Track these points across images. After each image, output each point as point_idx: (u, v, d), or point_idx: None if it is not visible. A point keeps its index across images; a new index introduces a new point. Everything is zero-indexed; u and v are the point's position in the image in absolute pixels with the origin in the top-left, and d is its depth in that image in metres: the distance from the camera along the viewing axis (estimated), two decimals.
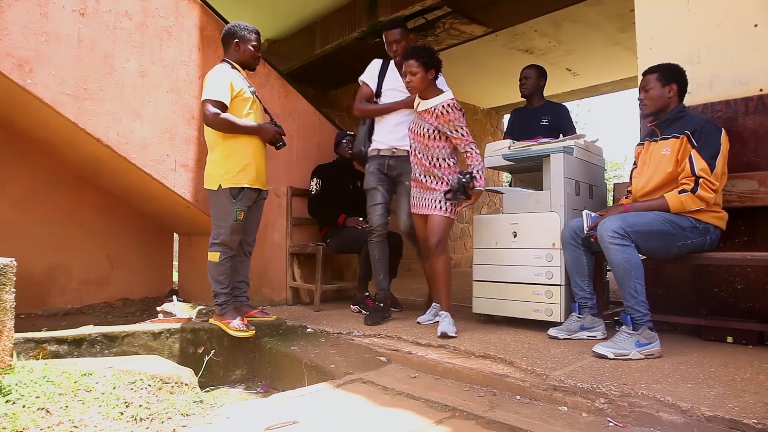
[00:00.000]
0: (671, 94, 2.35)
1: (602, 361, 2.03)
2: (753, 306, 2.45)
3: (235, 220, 2.70)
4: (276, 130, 2.83)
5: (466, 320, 3.04)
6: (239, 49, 2.83)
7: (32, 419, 1.47)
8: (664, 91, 2.35)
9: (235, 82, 2.73)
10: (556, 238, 2.60)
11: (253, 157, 2.77)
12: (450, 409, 1.72)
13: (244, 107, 2.76)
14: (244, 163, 2.73)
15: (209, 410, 1.74)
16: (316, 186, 3.73)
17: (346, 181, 3.82)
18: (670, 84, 2.35)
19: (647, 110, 2.41)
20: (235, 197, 2.70)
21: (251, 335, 2.71)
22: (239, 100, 2.74)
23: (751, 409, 1.47)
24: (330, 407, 1.77)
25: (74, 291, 3.88)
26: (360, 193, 3.84)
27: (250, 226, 2.95)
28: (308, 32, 6.06)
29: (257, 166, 2.80)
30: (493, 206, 9.75)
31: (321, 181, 3.73)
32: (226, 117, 2.67)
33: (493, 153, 3.00)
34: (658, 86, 2.36)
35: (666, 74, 2.36)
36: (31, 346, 2.19)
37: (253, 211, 2.92)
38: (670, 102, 2.37)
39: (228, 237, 2.71)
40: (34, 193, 3.71)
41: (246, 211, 2.76)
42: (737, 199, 2.43)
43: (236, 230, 2.74)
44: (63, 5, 2.78)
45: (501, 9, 4.89)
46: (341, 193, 3.76)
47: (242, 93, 2.76)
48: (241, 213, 2.72)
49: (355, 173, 3.89)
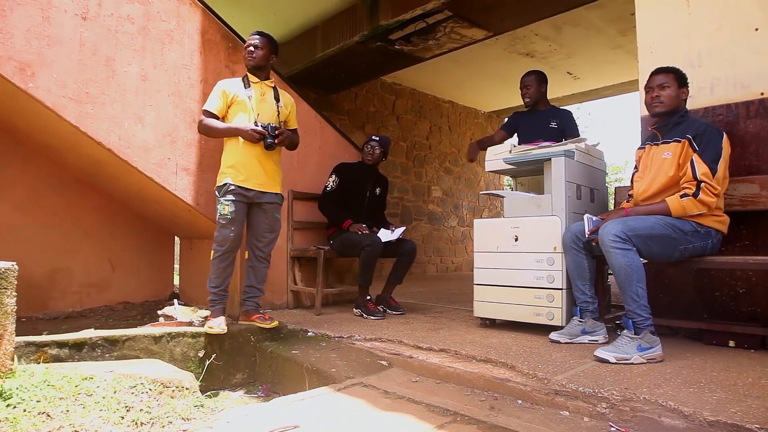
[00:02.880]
0: (684, 98, 2.36)
1: (604, 366, 2.03)
2: (755, 310, 2.44)
3: (220, 214, 2.80)
4: (250, 130, 2.81)
5: (467, 324, 3.04)
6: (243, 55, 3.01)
7: (33, 423, 1.47)
8: (680, 93, 2.35)
9: (228, 89, 2.91)
10: (557, 242, 2.59)
11: (241, 157, 2.85)
12: (451, 413, 1.71)
13: (238, 110, 2.91)
14: (231, 162, 2.86)
15: (210, 415, 1.74)
16: (333, 183, 3.70)
17: (365, 186, 3.78)
18: (684, 87, 2.36)
19: (662, 108, 2.35)
20: (218, 192, 2.84)
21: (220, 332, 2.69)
22: (234, 104, 2.91)
23: (753, 414, 1.46)
24: (331, 411, 1.76)
25: (75, 294, 3.88)
26: (376, 201, 3.85)
27: (256, 230, 2.98)
28: (309, 36, 6.08)
29: (247, 166, 2.85)
30: (494, 210, 9.75)
31: (339, 179, 3.70)
32: (206, 123, 2.88)
33: (494, 157, 2.99)
34: (676, 86, 2.34)
35: (682, 77, 2.36)
36: (32, 349, 2.19)
37: (255, 214, 2.95)
38: (681, 104, 2.37)
39: (218, 232, 2.82)
40: (36, 196, 3.71)
41: (232, 208, 2.78)
42: (739, 202, 2.42)
43: (224, 226, 2.80)
44: (65, 9, 2.79)
45: (502, 13, 4.91)
46: (356, 196, 3.73)
47: (236, 98, 2.91)
48: (224, 207, 2.79)
49: (377, 180, 3.86)
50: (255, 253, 2.99)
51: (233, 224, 2.80)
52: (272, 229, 3.01)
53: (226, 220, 2.79)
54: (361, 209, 3.72)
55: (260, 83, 2.99)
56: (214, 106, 2.88)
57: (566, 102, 8.42)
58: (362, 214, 3.70)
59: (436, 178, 8.53)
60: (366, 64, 6.11)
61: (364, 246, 3.32)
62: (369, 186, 3.80)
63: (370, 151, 3.74)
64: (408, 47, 5.65)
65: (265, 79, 3.03)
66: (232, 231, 2.80)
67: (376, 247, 3.33)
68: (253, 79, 2.98)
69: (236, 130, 2.84)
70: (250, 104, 2.90)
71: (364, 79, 6.80)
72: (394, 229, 3.55)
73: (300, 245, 3.87)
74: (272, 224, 3.00)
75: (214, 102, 2.89)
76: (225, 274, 2.85)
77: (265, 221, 2.96)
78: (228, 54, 3.51)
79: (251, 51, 2.94)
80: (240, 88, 2.92)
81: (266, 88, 3.01)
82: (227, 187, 2.81)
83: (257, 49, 2.94)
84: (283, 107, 3.04)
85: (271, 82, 3.06)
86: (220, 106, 2.89)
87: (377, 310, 3.32)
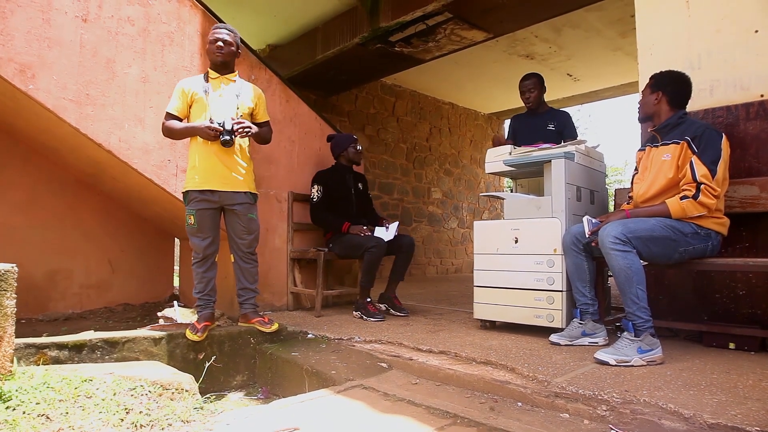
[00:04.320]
0: (657, 101, 2.39)
1: (604, 368, 2.02)
2: (755, 312, 2.44)
3: (187, 224, 2.76)
4: (204, 128, 2.66)
5: (467, 326, 3.04)
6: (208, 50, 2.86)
7: (32, 425, 1.47)
8: (651, 98, 2.41)
9: (188, 88, 2.79)
10: (557, 244, 2.59)
11: (202, 157, 2.75)
12: (451, 415, 1.71)
13: (198, 109, 2.78)
14: (192, 164, 2.78)
15: (210, 417, 1.74)
16: (317, 193, 3.71)
17: (348, 186, 3.82)
18: (657, 91, 2.39)
19: (639, 115, 2.51)
20: (184, 201, 2.79)
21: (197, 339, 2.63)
22: (194, 103, 2.79)
23: (753, 416, 1.46)
24: (331, 414, 1.76)
25: (75, 296, 3.88)
26: (362, 197, 3.87)
27: (233, 234, 2.85)
28: (309, 38, 6.09)
29: (203, 168, 2.73)
30: (494, 212, 9.75)
31: (322, 188, 3.72)
32: (167, 125, 2.77)
33: (494, 159, 2.99)
34: (647, 92, 2.44)
35: (657, 82, 2.40)
36: (32, 351, 2.19)
37: (229, 218, 2.83)
38: (658, 109, 2.39)
39: (191, 240, 2.80)
40: (36, 197, 3.71)
41: (196, 217, 2.72)
42: (739, 204, 2.42)
43: (193, 234, 2.77)
44: (65, 11, 2.79)
45: (502, 15, 4.91)
46: (343, 200, 3.76)
47: (194, 96, 2.78)
48: (189, 217, 2.74)
49: (356, 177, 3.90)
50: (238, 254, 2.89)
51: (202, 232, 2.74)
52: (249, 231, 2.86)
53: (193, 230, 2.75)
54: (351, 209, 3.74)
55: (219, 78, 2.83)
56: (174, 106, 2.77)
57: (566, 104, 8.43)
58: (354, 213, 3.72)
59: (436, 179, 8.53)
60: (366, 65, 6.12)
61: (369, 248, 3.32)
62: (351, 184, 3.83)
63: (358, 151, 3.81)
64: (408, 49, 5.66)
65: (228, 74, 2.86)
66: (203, 239, 2.75)
67: (381, 248, 3.33)
68: (213, 75, 2.83)
69: (192, 129, 2.71)
70: (206, 100, 2.77)
71: (364, 80, 6.82)
72: (388, 225, 3.57)
73: (300, 247, 3.87)
74: (248, 226, 2.85)
75: (174, 102, 2.78)
76: (206, 279, 2.80)
77: (240, 224, 2.83)
78: None
79: (221, 46, 2.76)
80: (199, 86, 2.79)
81: (227, 82, 2.85)
82: (188, 196, 2.75)
83: (227, 45, 2.78)
84: (243, 102, 2.84)
85: (234, 75, 2.89)
86: (179, 106, 2.77)
87: (377, 312, 3.32)
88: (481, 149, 9.33)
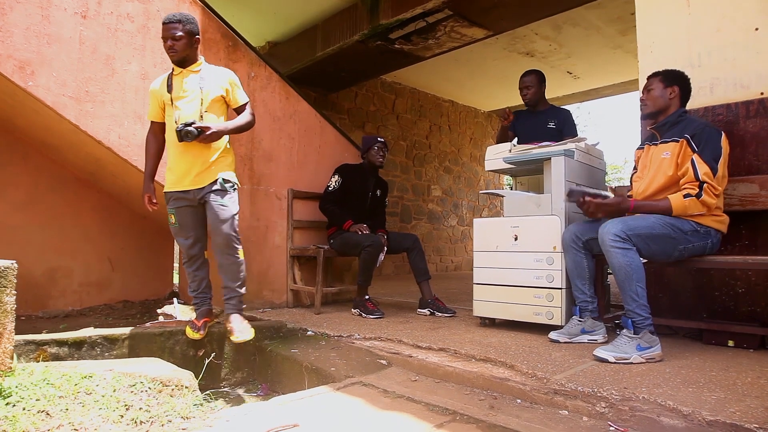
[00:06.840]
0: (672, 96, 2.37)
1: (603, 365, 2.03)
2: (754, 310, 2.45)
3: (170, 223, 2.75)
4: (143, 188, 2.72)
5: (466, 323, 3.05)
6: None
7: (32, 422, 1.47)
8: (665, 92, 2.38)
9: (157, 90, 2.68)
10: (556, 242, 2.59)
11: (172, 159, 2.69)
12: (450, 412, 1.72)
13: (168, 111, 2.66)
14: (168, 167, 2.73)
15: (209, 413, 1.74)
16: (335, 183, 3.69)
17: (366, 187, 3.78)
18: (672, 86, 2.36)
19: (647, 110, 2.44)
20: (166, 201, 2.74)
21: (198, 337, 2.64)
22: (165, 107, 2.67)
23: (752, 414, 1.47)
24: (330, 410, 1.76)
25: (75, 293, 3.88)
26: (377, 204, 3.85)
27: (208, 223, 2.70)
28: (309, 35, 6.08)
29: (176, 168, 2.65)
30: (493, 209, 9.76)
31: (342, 179, 3.70)
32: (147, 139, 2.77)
33: (494, 156, 2.99)
34: (660, 87, 2.39)
35: (669, 77, 2.39)
36: (32, 348, 2.19)
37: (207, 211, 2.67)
38: (671, 104, 2.38)
39: (176, 241, 2.79)
40: (35, 195, 3.71)
41: (176, 214, 2.69)
42: (738, 202, 2.42)
43: (176, 234, 2.76)
44: (65, 8, 2.79)
45: (502, 12, 4.91)
46: (357, 198, 3.73)
47: (163, 98, 2.66)
48: (171, 216, 2.72)
49: (378, 182, 3.87)
50: (217, 248, 2.68)
51: (184, 231, 2.71)
52: (220, 218, 2.60)
53: (176, 229, 2.73)
54: (362, 210, 3.72)
55: (182, 72, 2.64)
56: (150, 113, 2.73)
57: (566, 101, 8.43)
58: (363, 215, 3.70)
59: (435, 177, 8.53)
60: (366, 63, 6.11)
61: (365, 246, 3.33)
62: (371, 187, 3.80)
63: (380, 153, 3.74)
64: (408, 46, 5.65)
65: (191, 65, 2.65)
66: (185, 238, 2.73)
67: (377, 247, 3.35)
68: (176, 71, 2.65)
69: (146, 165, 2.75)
70: (171, 102, 2.62)
71: (364, 78, 6.80)
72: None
73: (300, 244, 3.87)
74: (218, 212, 2.61)
75: (149, 109, 2.74)
76: (198, 278, 2.79)
77: (211, 212, 2.63)
78: (228, 52, 3.51)
79: (170, 45, 2.55)
80: (164, 86, 2.65)
81: (189, 74, 2.64)
82: (167, 196, 2.71)
83: (176, 41, 2.54)
84: (209, 92, 2.63)
85: (197, 66, 2.66)
86: (153, 111, 2.71)
87: (376, 309, 3.32)
88: (480, 147, 9.33)
